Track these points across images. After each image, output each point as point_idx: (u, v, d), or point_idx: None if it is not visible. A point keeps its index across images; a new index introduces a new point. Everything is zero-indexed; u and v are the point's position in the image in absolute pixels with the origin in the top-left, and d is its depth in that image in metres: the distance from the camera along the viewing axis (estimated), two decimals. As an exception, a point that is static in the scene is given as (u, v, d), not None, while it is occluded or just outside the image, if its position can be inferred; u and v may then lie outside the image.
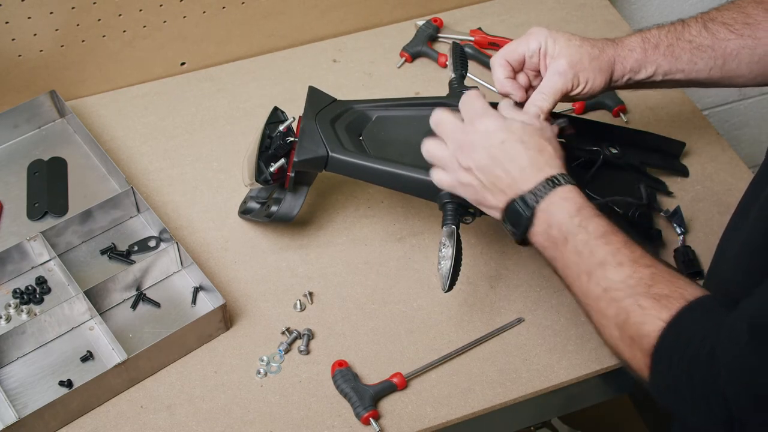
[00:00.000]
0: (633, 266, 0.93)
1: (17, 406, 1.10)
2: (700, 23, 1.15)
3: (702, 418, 0.84)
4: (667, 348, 0.87)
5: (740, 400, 0.80)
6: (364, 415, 1.10)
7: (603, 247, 0.95)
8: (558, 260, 0.99)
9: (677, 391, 0.86)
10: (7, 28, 1.35)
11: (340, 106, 1.24)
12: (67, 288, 1.22)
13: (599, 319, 0.95)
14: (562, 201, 0.98)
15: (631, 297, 0.91)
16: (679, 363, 0.86)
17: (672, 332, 0.87)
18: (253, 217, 1.29)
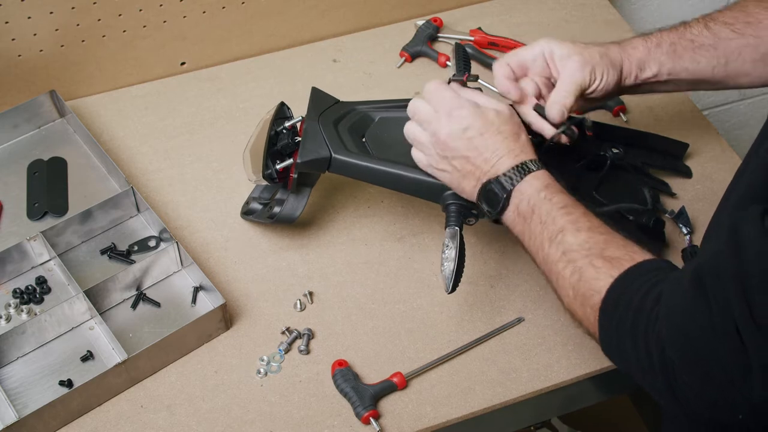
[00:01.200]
0: (589, 232, 0.98)
1: (17, 406, 1.10)
2: (702, 23, 1.17)
3: (643, 367, 0.88)
4: (614, 300, 0.92)
5: (674, 343, 0.83)
6: (364, 414, 1.10)
7: (564, 216, 1.00)
8: (525, 233, 1.04)
9: (621, 340, 0.90)
10: (7, 28, 1.35)
11: (343, 107, 1.24)
12: (67, 288, 1.22)
13: (558, 281, 1.00)
14: (532, 179, 1.04)
15: (585, 258, 0.96)
16: (625, 313, 0.90)
17: (619, 285, 0.92)
18: (255, 218, 1.29)
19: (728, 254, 0.78)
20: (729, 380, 0.79)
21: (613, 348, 0.94)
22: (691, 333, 0.81)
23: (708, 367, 0.81)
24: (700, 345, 0.81)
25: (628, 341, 0.90)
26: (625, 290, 0.92)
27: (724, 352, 0.79)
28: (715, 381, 0.80)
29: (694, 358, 0.82)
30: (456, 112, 1.08)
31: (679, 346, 0.83)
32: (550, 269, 1.01)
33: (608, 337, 0.93)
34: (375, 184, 1.19)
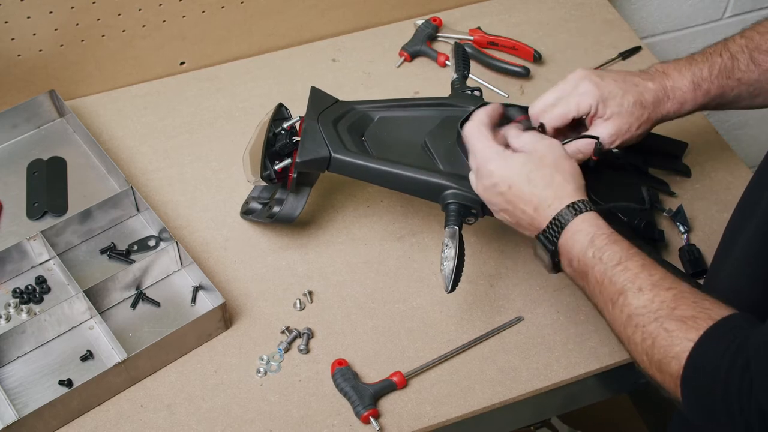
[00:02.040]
0: (654, 290, 0.92)
1: (17, 406, 1.10)
2: (747, 55, 1.14)
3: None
4: (697, 368, 0.86)
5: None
6: (364, 413, 1.10)
7: (621, 274, 0.94)
8: (586, 290, 1.00)
9: (711, 410, 0.85)
10: (7, 28, 1.35)
11: (342, 106, 1.24)
12: (66, 287, 1.22)
13: (629, 346, 0.94)
14: (575, 234, 0.99)
15: (655, 321, 0.90)
16: (712, 380, 0.84)
17: (701, 351, 0.86)
18: (255, 218, 1.29)
19: None
20: None
21: (701, 415, 0.87)
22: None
23: None
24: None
25: (721, 414, 0.84)
26: (707, 358, 0.86)
27: None
28: None
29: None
30: (483, 168, 1.06)
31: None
32: (618, 332, 0.95)
33: (695, 407, 0.87)
34: (374, 183, 1.19)
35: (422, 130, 1.22)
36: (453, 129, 1.19)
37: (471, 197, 1.12)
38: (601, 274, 0.96)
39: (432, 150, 1.19)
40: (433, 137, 1.20)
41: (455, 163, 1.16)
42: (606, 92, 1.12)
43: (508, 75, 1.51)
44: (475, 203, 1.12)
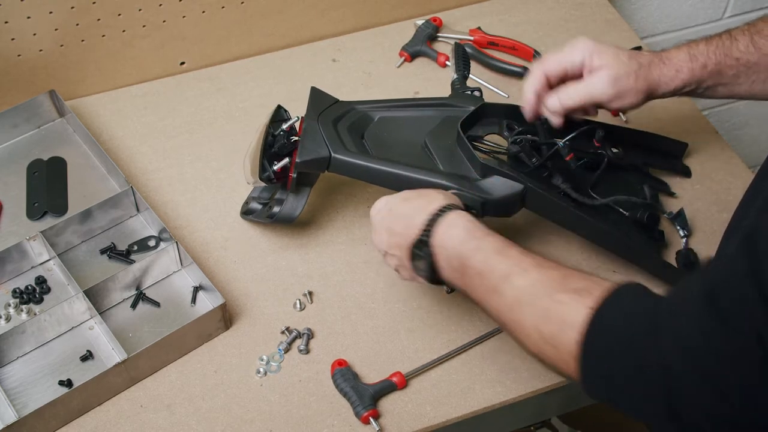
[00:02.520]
0: (539, 269, 0.92)
1: (17, 406, 1.10)
2: (748, 37, 1.14)
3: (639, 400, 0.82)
4: (596, 333, 0.85)
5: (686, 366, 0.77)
6: (364, 414, 1.10)
7: (503, 261, 0.94)
8: (468, 288, 0.98)
9: (613, 374, 0.84)
10: (7, 28, 1.35)
11: (342, 106, 1.24)
12: (66, 287, 1.22)
13: (517, 330, 0.92)
14: (448, 229, 0.99)
15: (545, 296, 0.89)
16: (616, 345, 0.83)
17: (599, 316, 0.85)
18: (255, 218, 1.29)
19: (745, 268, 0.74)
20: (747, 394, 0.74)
21: (599, 382, 0.86)
22: (704, 349, 0.76)
23: (726, 387, 0.75)
24: (716, 362, 0.75)
25: (620, 375, 0.83)
26: (608, 321, 0.85)
27: (747, 367, 0.74)
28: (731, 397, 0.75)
29: (709, 378, 0.76)
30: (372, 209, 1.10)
31: (688, 366, 0.77)
32: (505, 320, 0.94)
33: (595, 372, 0.86)
34: (374, 183, 1.19)
35: (422, 131, 1.22)
36: (453, 129, 1.19)
37: (471, 197, 1.12)
38: (481, 263, 0.95)
39: (432, 150, 1.19)
40: (433, 137, 1.20)
41: (455, 164, 1.16)
42: (601, 46, 1.12)
43: (508, 75, 1.51)
44: (475, 203, 1.12)
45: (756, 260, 0.74)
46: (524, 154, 1.17)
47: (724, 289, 0.76)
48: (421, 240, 1.00)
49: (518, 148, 1.18)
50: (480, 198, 1.12)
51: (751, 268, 0.74)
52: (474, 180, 1.14)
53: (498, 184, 1.13)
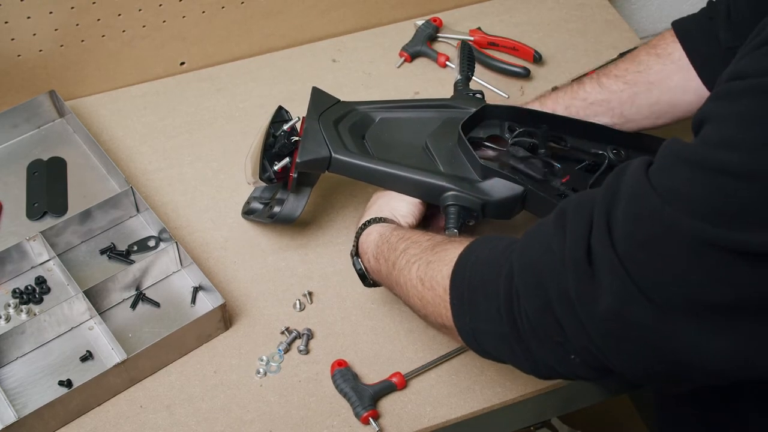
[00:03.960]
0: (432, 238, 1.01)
1: (17, 406, 1.10)
2: (594, 81, 1.24)
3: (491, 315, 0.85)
4: (463, 262, 0.91)
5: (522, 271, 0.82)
6: (364, 414, 1.10)
7: (404, 241, 1.03)
8: (384, 278, 1.07)
9: (473, 296, 0.88)
10: (7, 28, 1.35)
11: (343, 107, 1.24)
12: (66, 288, 1.22)
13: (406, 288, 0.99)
14: (367, 238, 1.10)
15: (430, 250, 0.98)
16: (477, 269, 0.89)
17: (470, 249, 0.92)
18: (255, 218, 1.29)
19: (602, 189, 0.78)
20: (568, 304, 0.77)
21: (463, 311, 0.90)
22: (540, 257, 0.80)
23: (550, 292, 0.79)
24: (546, 268, 0.79)
25: (478, 291, 0.87)
26: (474, 251, 0.91)
27: (571, 273, 0.77)
28: (554, 307, 0.79)
29: (538, 283, 0.80)
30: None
31: (525, 271, 0.82)
32: (401, 287, 1.01)
33: (459, 299, 0.90)
34: (375, 184, 1.19)
35: (423, 132, 1.22)
36: (454, 131, 1.19)
37: (471, 199, 1.12)
38: (388, 250, 1.04)
39: (433, 151, 1.19)
40: (434, 139, 1.20)
41: (456, 165, 1.16)
42: None
43: (509, 75, 1.51)
44: (475, 205, 1.12)
45: (615, 186, 0.77)
46: (524, 165, 1.16)
47: (573, 208, 0.80)
48: (351, 252, 1.13)
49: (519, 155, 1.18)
50: (480, 200, 1.12)
51: (606, 190, 0.77)
52: (474, 182, 1.14)
53: (498, 186, 1.13)
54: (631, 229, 0.74)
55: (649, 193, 0.73)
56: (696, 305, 0.72)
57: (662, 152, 0.76)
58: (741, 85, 0.72)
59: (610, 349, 0.77)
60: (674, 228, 0.71)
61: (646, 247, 0.73)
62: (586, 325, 0.77)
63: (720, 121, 0.72)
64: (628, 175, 0.76)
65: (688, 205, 0.71)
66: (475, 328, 0.89)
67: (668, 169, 0.74)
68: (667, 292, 0.73)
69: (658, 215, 0.72)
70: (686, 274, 0.71)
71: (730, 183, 0.69)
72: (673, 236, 0.71)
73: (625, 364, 0.78)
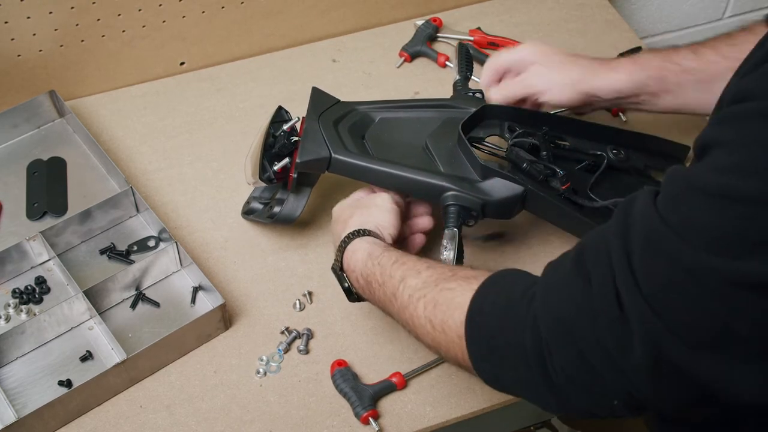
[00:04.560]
0: (431, 269, 0.97)
1: (16, 406, 1.10)
2: (689, 48, 1.18)
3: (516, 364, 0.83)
4: (479, 306, 0.88)
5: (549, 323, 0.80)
6: (364, 414, 1.10)
7: (399, 267, 1.00)
8: (376, 301, 1.05)
9: (492, 342, 0.86)
10: (6, 28, 1.35)
11: (343, 107, 1.24)
12: (66, 288, 1.22)
13: (414, 324, 0.96)
14: (353, 255, 1.06)
15: (435, 287, 0.94)
16: (495, 317, 0.86)
17: (483, 291, 0.89)
18: (255, 218, 1.29)
19: (614, 229, 0.77)
20: (606, 355, 0.76)
21: (483, 357, 0.88)
22: (568, 309, 0.78)
23: (584, 344, 0.77)
24: (576, 320, 0.78)
25: (499, 339, 0.85)
26: (489, 296, 0.88)
27: (604, 324, 0.76)
28: (590, 358, 0.77)
29: (570, 337, 0.78)
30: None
31: (553, 325, 0.80)
32: (405, 320, 0.98)
33: (478, 346, 0.88)
34: (375, 184, 1.19)
35: (423, 132, 1.22)
36: (454, 131, 1.19)
37: (471, 199, 1.12)
38: (381, 275, 1.01)
39: (433, 151, 1.19)
40: (434, 139, 1.20)
41: (456, 165, 1.16)
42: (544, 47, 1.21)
43: (508, 75, 1.51)
44: (475, 205, 1.12)
45: (626, 225, 0.75)
46: (528, 166, 1.16)
47: (590, 250, 0.78)
48: (333, 267, 1.10)
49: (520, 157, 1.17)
50: (480, 200, 1.12)
51: (619, 230, 0.76)
52: (474, 182, 1.14)
53: (498, 185, 1.13)
54: (651, 270, 0.73)
55: (662, 229, 0.72)
56: (726, 341, 0.71)
57: (668, 180, 0.75)
58: (749, 108, 0.70)
59: (650, 390, 0.76)
60: (695, 269, 0.70)
61: (670, 289, 0.72)
62: (626, 372, 0.76)
63: (730, 146, 0.70)
64: (638, 211, 0.75)
65: (705, 238, 0.70)
66: (498, 375, 0.88)
67: (678, 199, 0.73)
68: (697, 330, 0.72)
69: (677, 255, 0.71)
70: (713, 313, 0.70)
71: (747, 210, 0.67)
72: (695, 277, 0.70)
73: (665, 403, 0.77)
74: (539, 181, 1.14)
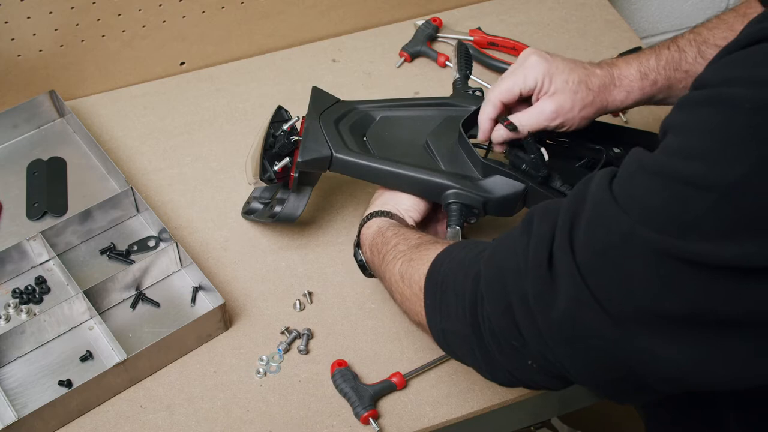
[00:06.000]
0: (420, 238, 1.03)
1: (17, 406, 1.10)
2: (695, 48, 1.16)
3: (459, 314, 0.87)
4: (441, 261, 0.93)
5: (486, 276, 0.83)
6: (364, 414, 1.10)
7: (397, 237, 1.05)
8: (377, 269, 1.08)
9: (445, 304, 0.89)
10: (7, 28, 1.35)
11: (344, 106, 1.24)
12: (66, 288, 1.22)
13: (390, 282, 1.02)
14: (367, 230, 1.12)
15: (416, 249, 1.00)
16: (449, 271, 0.90)
17: (447, 250, 0.94)
18: (256, 218, 1.29)
19: (568, 200, 0.78)
20: (527, 310, 0.78)
21: (434, 310, 0.92)
22: (507, 262, 0.81)
23: (512, 297, 0.80)
24: (510, 272, 0.80)
25: (449, 293, 0.89)
26: (454, 250, 0.93)
27: (531, 278, 0.78)
28: (514, 311, 0.80)
29: (501, 287, 0.81)
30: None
31: (490, 275, 0.83)
32: (388, 281, 1.03)
33: (432, 299, 0.92)
34: (376, 183, 1.19)
35: (424, 130, 1.22)
36: (454, 129, 1.19)
37: (473, 197, 1.12)
38: (383, 244, 1.06)
39: (434, 149, 1.19)
40: (435, 137, 1.20)
41: (457, 163, 1.16)
42: (553, 68, 1.14)
43: (509, 75, 1.51)
44: (477, 203, 1.12)
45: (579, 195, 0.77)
46: (527, 167, 1.16)
47: (540, 215, 0.81)
48: (354, 242, 1.15)
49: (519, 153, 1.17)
50: (481, 197, 1.12)
51: (571, 200, 0.78)
52: (476, 179, 1.14)
53: (500, 183, 1.13)
54: (591, 237, 0.74)
55: (609, 201, 0.74)
56: (650, 315, 0.72)
57: (626, 161, 0.76)
58: (701, 95, 0.72)
59: (565, 356, 0.78)
60: (631, 237, 0.71)
61: (603, 256, 0.73)
62: (542, 329, 0.78)
63: (680, 131, 0.72)
64: (594, 184, 0.77)
65: (645, 214, 0.71)
66: (444, 329, 0.91)
67: (629, 177, 0.74)
68: (622, 301, 0.73)
69: (616, 224, 0.72)
70: (641, 284, 0.71)
71: (686, 192, 0.68)
72: (630, 245, 0.71)
73: (580, 373, 0.79)
74: (540, 178, 1.14)
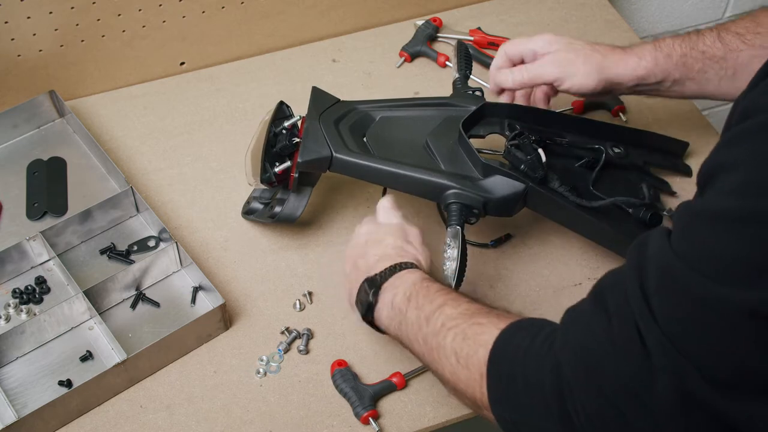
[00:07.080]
0: (469, 303, 0.96)
1: (17, 406, 1.10)
2: (714, 33, 1.15)
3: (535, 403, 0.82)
4: (502, 347, 0.87)
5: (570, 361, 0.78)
6: (364, 414, 1.10)
7: (442, 296, 0.98)
8: (402, 326, 1.00)
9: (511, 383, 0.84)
10: (7, 28, 1.35)
11: (343, 106, 1.24)
12: (66, 288, 1.22)
13: (439, 353, 0.94)
14: (406, 274, 1.03)
15: (468, 320, 0.93)
16: (516, 353, 0.85)
17: (509, 333, 0.88)
18: (256, 218, 1.29)
19: (630, 267, 0.75)
20: (628, 391, 0.74)
21: (500, 400, 0.86)
22: (590, 347, 0.77)
23: (606, 381, 0.75)
24: (599, 357, 0.76)
25: (518, 382, 0.83)
26: (515, 335, 0.87)
27: (626, 359, 0.74)
28: (612, 395, 0.75)
29: (592, 374, 0.76)
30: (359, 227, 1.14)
31: (576, 363, 0.78)
32: (430, 347, 0.95)
33: (496, 388, 0.86)
34: (376, 183, 1.19)
35: (424, 130, 1.22)
36: (454, 129, 1.19)
37: (473, 197, 1.12)
38: (423, 297, 0.99)
39: (433, 150, 1.19)
40: (435, 137, 1.20)
41: (457, 163, 1.16)
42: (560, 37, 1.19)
43: (509, 75, 1.51)
44: (477, 203, 1.12)
45: (641, 262, 0.74)
46: (524, 164, 1.16)
47: (608, 288, 0.77)
48: (375, 280, 1.04)
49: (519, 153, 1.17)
50: (481, 197, 1.12)
51: (634, 267, 0.75)
52: (476, 179, 1.14)
53: (500, 183, 1.13)
54: (667, 305, 0.71)
55: (674, 262, 0.70)
56: (742, 376, 0.69)
57: (678, 214, 0.73)
58: (755, 124, 0.67)
59: (676, 426, 0.74)
60: (706, 300, 0.68)
61: (685, 322, 0.70)
62: (649, 408, 0.74)
63: (738, 166, 0.67)
64: (652, 247, 0.74)
65: (713, 266, 0.67)
66: (516, 421, 0.86)
67: (687, 230, 0.70)
68: (714, 365, 0.70)
69: (688, 286, 0.69)
70: (728, 346, 0.68)
71: (759, 232, 0.64)
72: (707, 308, 0.68)
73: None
74: (539, 178, 1.14)
